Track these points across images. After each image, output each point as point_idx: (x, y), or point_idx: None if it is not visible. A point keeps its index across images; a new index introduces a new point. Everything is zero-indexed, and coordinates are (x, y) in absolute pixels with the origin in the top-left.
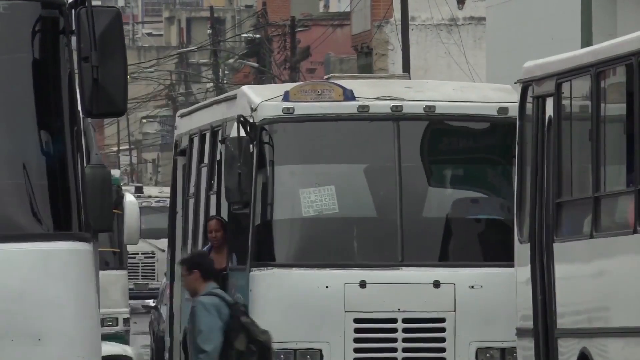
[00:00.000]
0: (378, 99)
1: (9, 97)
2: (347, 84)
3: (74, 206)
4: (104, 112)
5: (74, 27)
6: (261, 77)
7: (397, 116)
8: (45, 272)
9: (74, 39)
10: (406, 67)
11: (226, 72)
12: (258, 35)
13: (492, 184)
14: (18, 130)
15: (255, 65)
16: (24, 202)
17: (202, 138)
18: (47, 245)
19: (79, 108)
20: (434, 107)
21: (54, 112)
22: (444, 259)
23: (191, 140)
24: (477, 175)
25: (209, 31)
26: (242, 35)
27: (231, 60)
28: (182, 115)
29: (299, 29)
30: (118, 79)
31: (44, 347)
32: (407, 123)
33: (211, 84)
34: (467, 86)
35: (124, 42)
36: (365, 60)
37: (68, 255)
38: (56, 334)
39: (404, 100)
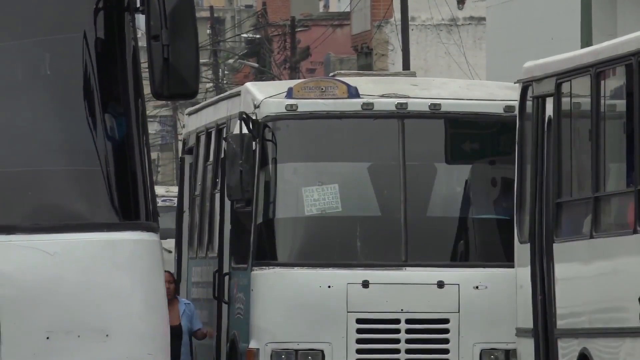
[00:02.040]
0: (383, 96)
1: (71, 79)
2: (352, 81)
3: (141, 194)
4: (175, 93)
5: (138, 4)
6: (261, 77)
7: (402, 114)
8: (112, 264)
9: (138, 17)
10: (406, 68)
11: (226, 72)
12: (258, 36)
13: (498, 183)
14: (81, 114)
15: (255, 65)
16: (88, 190)
17: (209, 136)
18: (113, 235)
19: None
20: (439, 104)
21: (118, 95)
22: (449, 259)
23: (198, 139)
24: (483, 174)
25: (208, 31)
26: (242, 35)
27: (231, 60)
28: (190, 114)
29: (299, 29)
30: (190, 58)
31: (112, 343)
32: (412, 121)
33: (211, 84)
34: (474, 84)
35: (195, 19)
36: (365, 60)
37: (136, 246)
38: (125, 329)
39: (409, 97)
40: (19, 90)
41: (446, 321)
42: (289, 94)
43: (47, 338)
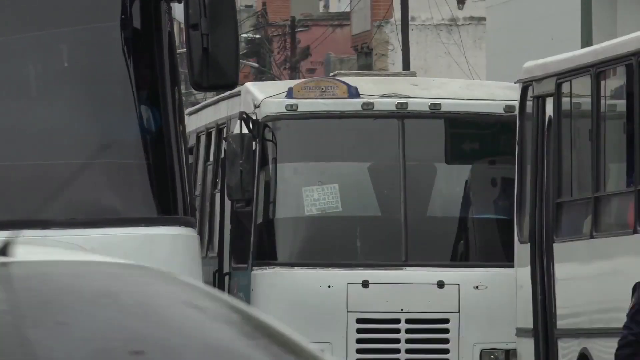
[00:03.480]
0: (383, 96)
1: (105, 70)
2: (352, 81)
3: (178, 187)
4: (215, 84)
5: None
6: (261, 77)
7: (402, 114)
8: (150, 260)
9: (174, 5)
10: (406, 68)
11: None
12: (258, 36)
13: (498, 183)
14: (117, 105)
15: (255, 65)
16: (125, 184)
17: (209, 136)
18: (151, 230)
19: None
20: (439, 104)
21: (154, 86)
22: (449, 259)
23: (198, 139)
24: (483, 174)
25: None
26: (242, 35)
27: None
28: (190, 114)
29: (299, 29)
30: (230, 48)
31: None
32: (412, 121)
33: None
34: (474, 84)
35: (235, 7)
36: (365, 60)
37: (174, 241)
38: None
39: (409, 97)
40: (53, 82)
41: (446, 321)
42: (289, 94)
43: None
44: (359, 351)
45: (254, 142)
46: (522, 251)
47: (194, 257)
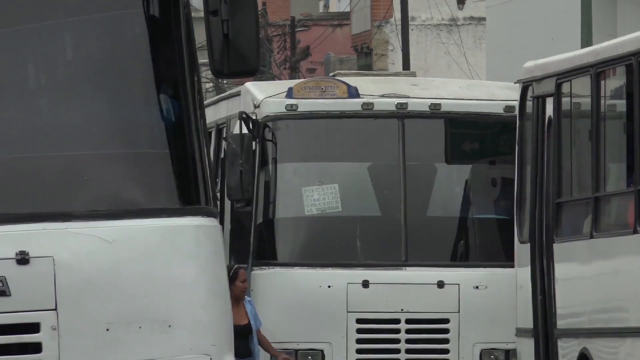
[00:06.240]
0: (383, 96)
1: (125, 57)
2: (352, 81)
3: (200, 177)
4: (236, 71)
5: None
6: (261, 77)
7: (402, 114)
8: (174, 251)
9: None
10: (406, 68)
11: None
12: None
13: (498, 183)
14: (137, 94)
15: None
16: (147, 174)
17: (208, 136)
18: (174, 221)
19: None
20: (439, 104)
21: (173, 74)
22: (449, 259)
23: None
24: (483, 174)
25: None
26: None
27: None
28: None
29: (299, 29)
30: (250, 34)
31: (174, 334)
32: (412, 121)
33: (211, 84)
34: (474, 84)
35: None
36: (365, 60)
37: (197, 231)
38: (188, 320)
39: (409, 97)
40: (71, 72)
41: (446, 321)
42: (289, 93)
43: (107, 330)
44: (359, 351)
45: (253, 142)
46: (522, 251)
47: (217, 247)
